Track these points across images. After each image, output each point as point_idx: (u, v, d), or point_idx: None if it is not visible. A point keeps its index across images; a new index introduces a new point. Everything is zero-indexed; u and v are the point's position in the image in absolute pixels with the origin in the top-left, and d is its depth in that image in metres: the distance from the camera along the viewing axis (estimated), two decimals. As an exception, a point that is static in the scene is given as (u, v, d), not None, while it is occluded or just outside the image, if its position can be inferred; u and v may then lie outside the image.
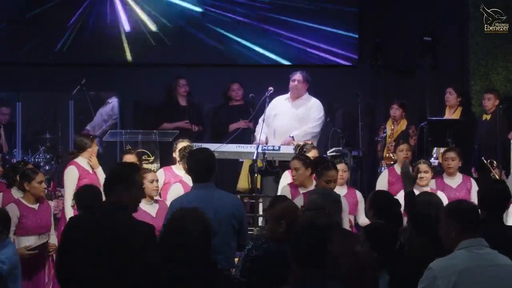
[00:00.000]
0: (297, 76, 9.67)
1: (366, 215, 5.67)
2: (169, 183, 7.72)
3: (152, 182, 6.96)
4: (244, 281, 4.95)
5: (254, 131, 9.95)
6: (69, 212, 7.36)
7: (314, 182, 7.15)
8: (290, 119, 9.65)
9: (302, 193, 6.99)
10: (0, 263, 5.87)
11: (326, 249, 3.94)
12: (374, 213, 5.22)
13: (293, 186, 7.40)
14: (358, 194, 7.78)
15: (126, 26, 11.65)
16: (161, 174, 7.87)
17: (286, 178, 7.98)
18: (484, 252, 4.13)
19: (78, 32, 11.59)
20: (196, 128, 10.48)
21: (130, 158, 7.92)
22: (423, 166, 7.74)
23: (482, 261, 4.10)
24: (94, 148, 7.82)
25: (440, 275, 4.02)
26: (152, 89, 11.50)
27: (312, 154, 7.98)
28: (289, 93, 9.72)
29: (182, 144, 7.97)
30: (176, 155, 7.94)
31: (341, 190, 7.28)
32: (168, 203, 7.05)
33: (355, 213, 7.71)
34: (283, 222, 4.88)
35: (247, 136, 10.23)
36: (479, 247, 4.13)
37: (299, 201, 6.10)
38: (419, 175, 7.66)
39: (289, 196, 6.82)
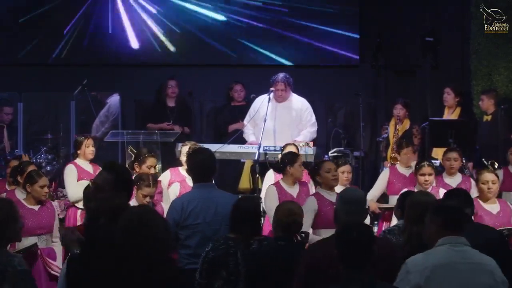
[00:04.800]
0: (279, 85, 9.45)
1: (395, 215, 5.98)
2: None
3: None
4: (203, 282, 5.00)
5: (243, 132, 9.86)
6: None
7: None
8: (279, 122, 9.48)
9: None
10: None
11: (372, 249, 3.95)
12: (402, 212, 5.37)
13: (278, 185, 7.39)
14: None
15: (128, 26, 11.67)
16: (167, 175, 8.00)
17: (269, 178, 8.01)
18: (462, 249, 4.18)
19: (79, 32, 11.62)
20: (181, 130, 10.38)
21: (153, 161, 7.86)
22: (427, 169, 7.56)
23: (457, 258, 4.15)
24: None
25: (412, 270, 4.13)
26: (153, 89, 11.51)
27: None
28: (273, 94, 9.48)
29: (188, 146, 8.01)
30: (182, 157, 7.96)
31: None
32: (169, 201, 7.16)
33: None
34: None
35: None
36: (458, 244, 4.18)
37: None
38: (423, 179, 7.51)
39: (276, 196, 7.05)
